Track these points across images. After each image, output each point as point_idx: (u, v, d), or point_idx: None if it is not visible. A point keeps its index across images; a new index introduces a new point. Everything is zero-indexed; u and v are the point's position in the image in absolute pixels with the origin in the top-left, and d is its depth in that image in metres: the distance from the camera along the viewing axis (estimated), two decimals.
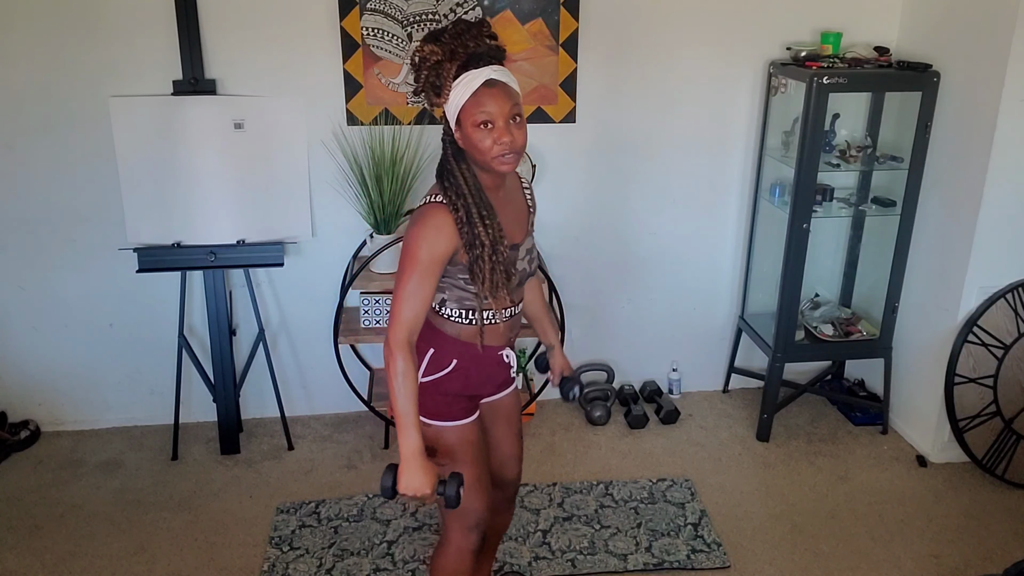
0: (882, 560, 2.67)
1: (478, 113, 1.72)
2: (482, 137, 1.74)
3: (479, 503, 1.99)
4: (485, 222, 1.79)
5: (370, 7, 2.95)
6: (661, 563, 2.64)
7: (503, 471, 2.18)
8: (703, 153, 3.34)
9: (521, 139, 1.77)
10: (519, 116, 1.76)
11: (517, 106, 1.76)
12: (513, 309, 1.95)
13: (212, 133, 2.98)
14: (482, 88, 1.72)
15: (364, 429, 3.40)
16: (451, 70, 1.73)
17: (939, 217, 3.09)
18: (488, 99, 1.72)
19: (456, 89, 1.74)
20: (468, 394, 1.97)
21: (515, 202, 1.95)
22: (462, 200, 1.79)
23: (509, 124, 1.74)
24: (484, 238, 1.79)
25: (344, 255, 3.26)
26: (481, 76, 1.72)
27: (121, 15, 2.88)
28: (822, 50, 3.08)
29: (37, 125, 2.97)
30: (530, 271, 1.96)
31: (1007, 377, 3.01)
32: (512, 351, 2.05)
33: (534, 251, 2.00)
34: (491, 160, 1.75)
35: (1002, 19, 2.71)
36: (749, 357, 3.67)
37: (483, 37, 1.76)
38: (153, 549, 2.71)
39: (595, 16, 3.08)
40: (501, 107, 1.72)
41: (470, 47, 1.74)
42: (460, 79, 1.73)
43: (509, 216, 1.90)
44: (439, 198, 1.80)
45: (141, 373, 3.35)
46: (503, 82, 1.74)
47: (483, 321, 1.91)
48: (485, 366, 1.97)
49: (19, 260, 3.14)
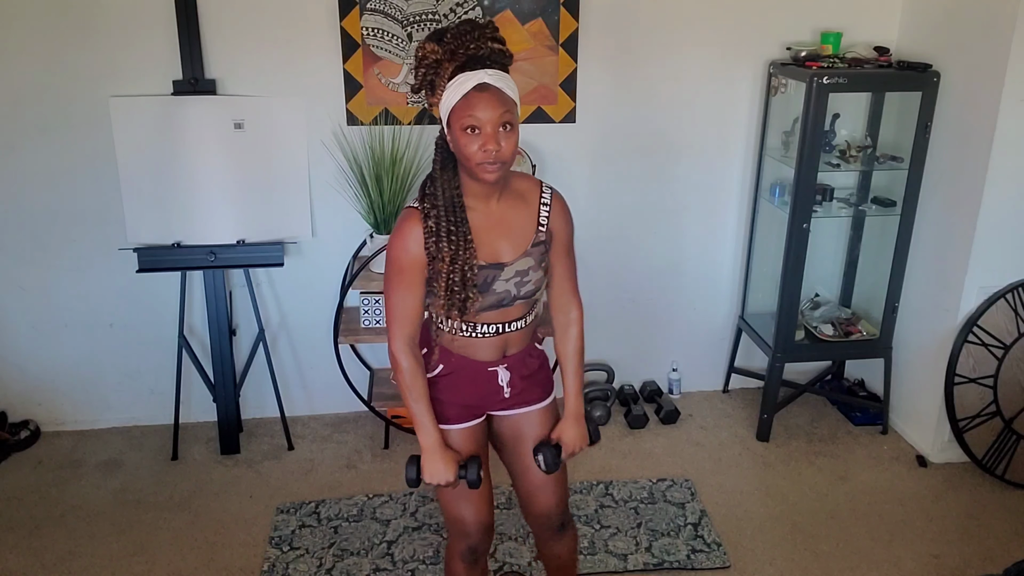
0: (882, 560, 2.67)
1: (466, 117, 1.66)
2: (468, 142, 1.68)
3: (466, 512, 1.97)
4: (450, 237, 1.74)
5: (370, 7, 2.95)
6: (661, 563, 2.64)
7: (530, 502, 2.05)
8: (703, 153, 3.34)
9: (509, 148, 1.69)
10: (510, 124, 1.69)
11: (509, 113, 1.68)
12: (500, 327, 1.88)
13: (212, 133, 2.98)
14: (473, 92, 1.66)
15: (364, 429, 3.40)
16: (448, 70, 1.69)
17: (939, 217, 3.09)
18: (478, 103, 1.65)
19: (449, 90, 1.69)
20: (460, 402, 1.95)
21: (513, 219, 1.84)
22: (435, 210, 1.76)
23: (498, 132, 1.67)
24: (445, 253, 1.74)
25: (344, 255, 3.26)
26: (474, 79, 1.66)
27: (121, 15, 2.88)
28: (822, 50, 3.08)
29: (37, 125, 2.97)
30: (518, 295, 1.84)
31: (1007, 377, 3.01)
32: (508, 372, 1.94)
33: (532, 275, 1.85)
34: (474, 167, 1.70)
35: (1002, 19, 2.71)
36: (749, 357, 3.67)
37: (485, 39, 1.70)
38: (153, 549, 2.71)
39: (595, 16, 3.08)
40: (490, 113, 1.66)
41: (471, 49, 1.68)
42: (454, 80, 1.68)
43: (498, 232, 1.82)
44: (416, 203, 1.79)
45: (141, 373, 3.36)
46: (496, 87, 1.67)
47: (461, 331, 1.87)
48: (476, 379, 1.93)
49: (19, 260, 3.14)
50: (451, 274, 1.76)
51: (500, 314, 1.86)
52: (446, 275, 1.76)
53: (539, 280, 1.88)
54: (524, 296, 1.86)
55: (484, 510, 1.99)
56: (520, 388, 1.97)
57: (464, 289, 1.77)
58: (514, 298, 1.85)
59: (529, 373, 1.98)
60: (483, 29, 1.71)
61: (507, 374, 1.95)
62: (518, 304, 1.87)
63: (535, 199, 1.87)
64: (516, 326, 1.90)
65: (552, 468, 1.93)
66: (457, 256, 1.75)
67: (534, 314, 1.96)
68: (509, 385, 1.95)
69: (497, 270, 1.81)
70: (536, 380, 2.00)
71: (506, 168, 1.73)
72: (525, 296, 1.86)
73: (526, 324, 1.92)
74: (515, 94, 1.73)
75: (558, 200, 1.90)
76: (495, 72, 1.69)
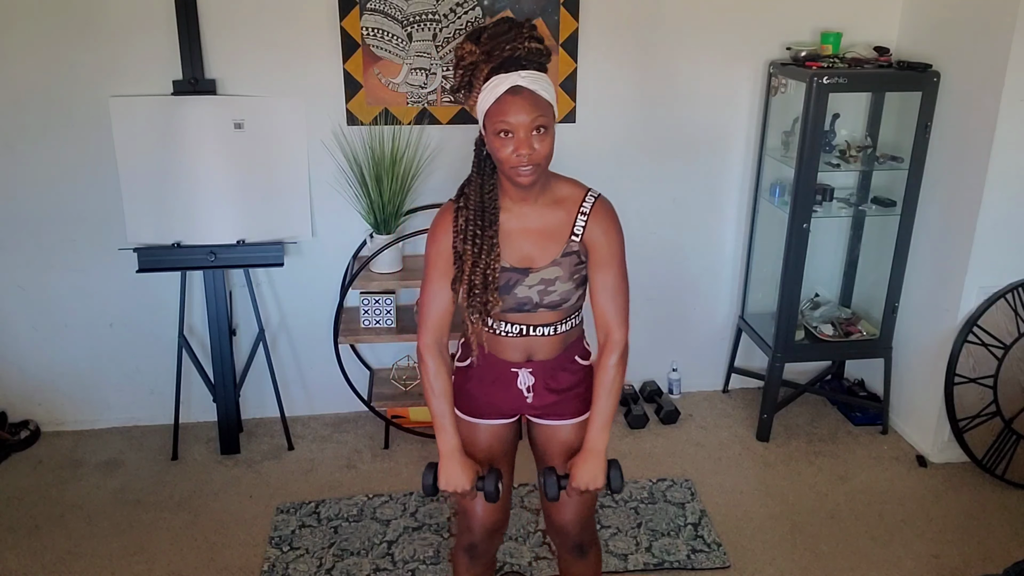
0: (882, 560, 2.67)
1: (498, 121, 1.66)
2: (501, 145, 1.67)
3: (473, 506, 1.97)
4: (475, 240, 1.75)
5: (370, 7, 2.95)
6: (661, 563, 2.64)
7: (548, 513, 2.01)
8: (703, 153, 3.34)
9: (543, 151, 1.68)
10: (544, 127, 1.67)
11: (543, 117, 1.66)
12: (524, 328, 1.85)
13: (212, 133, 2.98)
14: (506, 95, 1.64)
15: (364, 429, 3.40)
16: (484, 71, 1.67)
17: (939, 217, 3.09)
18: (511, 107, 1.64)
19: (484, 92, 1.67)
20: (485, 397, 1.94)
21: (548, 224, 1.80)
22: (466, 210, 1.77)
23: (531, 135, 1.66)
24: (468, 255, 1.75)
25: (344, 255, 3.26)
26: (508, 82, 1.64)
27: (121, 15, 2.88)
28: (822, 50, 3.08)
29: (37, 125, 2.97)
30: (540, 303, 1.81)
31: (1007, 377, 3.01)
32: (532, 377, 1.89)
33: (559, 286, 1.80)
34: (508, 170, 1.69)
35: (1002, 19, 2.71)
36: (749, 357, 3.67)
37: (523, 39, 1.67)
38: (153, 549, 2.71)
39: (595, 16, 3.08)
40: (523, 117, 1.64)
41: (507, 50, 1.66)
42: (489, 82, 1.67)
43: (530, 236, 1.80)
44: (454, 198, 1.81)
45: (141, 373, 3.36)
46: (530, 90, 1.65)
47: (486, 327, 1.86)
48: (498, 377, 1.91)
49: (19, 260, 3.14)
50: (472, 276, 1.76)
51: (525, 316, 1.84)
52: (468, 276, 1.77)
53: (567, 292, 1.82)
54: (547, 305, 1.82)
55: (493, 512, 1.98)
56: (550, 400, 1.92)
57: (484, 292, 1.76)
58: (536, 305, 1.82)
59: (561, 387, 1.92)
60: (520, 29, 1.69)
61: (530, 379, 1.90)
62: (547, 312, 1.84)
63: (575, 206, 1.81)
64: (542, 331, 1.86)
65: (551, 497, 1.84)
66: (479, 259, 1.75)
67: (569, 325, 1.90)
68: (531, 391, 1.91)
69: (521, 275, 1.79)
70: (571, 395, 1.94)
71: (540, 171, 1.71)
72: (549, 306, 1.82)
73: (555, 332, 1.87)
74: (551, 95, 1.70)
75: (600, 210, 1.81)
76: (530, 73, 1.67)
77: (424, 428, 3.31)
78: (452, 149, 3.15)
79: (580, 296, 1.87)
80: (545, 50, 1.72)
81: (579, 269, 1.82)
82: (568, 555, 2.07)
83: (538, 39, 1.71)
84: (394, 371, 3.37)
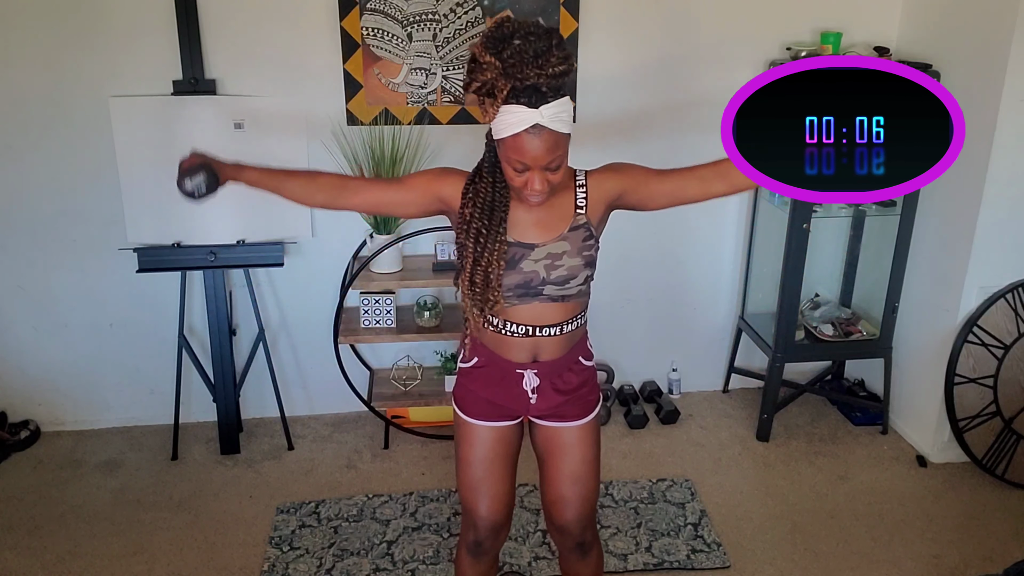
0: (882, 560, 2.67)
1: (515, 157, 1.66)
2: (514, 175, 1.70)
3: (479, 506, 1.97)
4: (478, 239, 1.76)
5: (370, 7, 2.95)
6: (661, 563, 2.64)
7: (550, 513, 2.01)
8: (703, 153, 3.32)
9: (556, 179, 1.71)
10: (559, 165, 1.69)
11: (558, 157, 1.67)
12: (531, 329, 1.84)
13: (212, 133, 2.98)
14: (526, 133, 1.62)
15: (364, 429, 3.40)
16: (503, 90, 1.61)
17: (939, 217, 3.09)
18: (528, 147, 1.63)
19: (502, 115, 1.64)
20: (489, 399, 1.93)
21: (553, 203, 1.81)
22: (475, 208, 1.77)
23: (544, 172, 1.68)
24: (468, 251, 1.76)
25: (344, 255, 3.26)
26: (528, 119, 1.61)
27: (121, 16, 2.88)
28: (822, 50, 3.08)
29: (37, 125, 2.97)
30: (547, 277, 1.79)
31: (1007, 377, 3.00)
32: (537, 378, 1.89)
33: (566, 260, 1.79)
34: (519, 191, 1.73)
35: (1002, 19, 2.71)
36: (749, 357, 3.67)
37: (548, 69, 1.60)
38: (153, 549, 2.71)
39: (595, 16, 3.08)
40: (539, 157, 1.65)
41: (529, 78, 1.60)
42: (507, 108, 1.62)
43: (536, 213, 1.80)
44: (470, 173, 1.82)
45: (141, 373, 3.36)
46: (550, 129, 1.63)
47: (492, 325, 1.86)
48: (503, 377, 1.91)
49: (19, 260, 3.14)
50: (473, 274, 1.77)
51: (532, 316, 1.83)
52: (468, 272, 1.77)
53: (575, 268, 1.80)
54: (554, 281, 1.80)
55: (496, 509, 1.97)
56: (555, 401, 1.92)
57: (486, 290, 1.76)
58: (543, 280, 1.79)
59: (568, 388, 1.93)
60: (548, 56, 1.60)
61: (535, 380, 1.90)
62: (552, 307, 1.83)
63: (570, 183, 1.84)
64: (549, 331, 1.85)
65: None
66: (481, 258, 1.75)
67: (575, 324, 1.89)
68: (536, 392, 1.91)
69: (527, 249, 1.79)
70: (576, 397, 1.94)
71: (552, 194, 1.75)
72: (555, 282, 1.80)
73: (562, 332, 1.87)
74: (569, 123, 1.67)
75: (593, 171, 1.86)
76: (551, 108, 1.62)
77: (424, 428, 3.31)
78: (452, 149, 3.15)
79: (586, 279, 1.84)
80: (569, 68, 1.65)
81: (587, 246, 1.82)
82: (570, 555, 2.08)
83: (564, 60, 1.63)
84: (394, 371, 3.36)
